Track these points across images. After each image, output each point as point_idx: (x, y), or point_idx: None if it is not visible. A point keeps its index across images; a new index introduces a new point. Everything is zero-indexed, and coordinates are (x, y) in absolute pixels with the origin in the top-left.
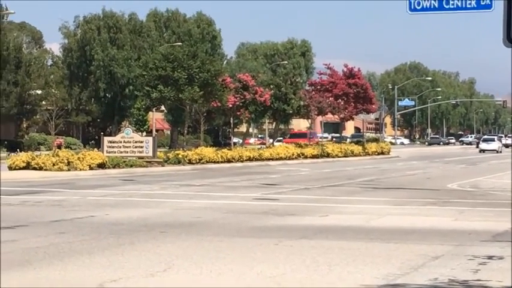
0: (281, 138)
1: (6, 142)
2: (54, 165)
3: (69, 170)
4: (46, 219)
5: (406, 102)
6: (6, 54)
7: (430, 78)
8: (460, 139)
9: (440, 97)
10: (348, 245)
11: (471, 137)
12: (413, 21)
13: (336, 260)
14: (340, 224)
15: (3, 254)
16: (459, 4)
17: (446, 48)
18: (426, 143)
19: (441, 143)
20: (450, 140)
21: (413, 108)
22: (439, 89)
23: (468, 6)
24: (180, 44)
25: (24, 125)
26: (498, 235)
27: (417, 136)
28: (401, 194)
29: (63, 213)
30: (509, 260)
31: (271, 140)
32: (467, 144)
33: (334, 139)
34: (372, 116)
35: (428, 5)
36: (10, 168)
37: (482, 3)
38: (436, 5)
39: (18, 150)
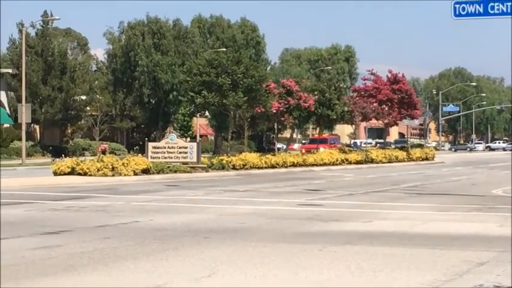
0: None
1: (51, 147)
2: (98, 170)
3: (113, 175)
4: (91, 225)
5: (450, 108)
6: (51, 60)
7: (474, 84)
8: (487, 145)
9: (484, 102)
10: (392, 251)
11: (500, 142)
12: (458, 27)
13: (380, 265)
14: (384, 229)
15: (49, 259)
16: (504, 9)
17: (491, 54)
18: (453, 149)
19: (468, 148)
20: (477, 146)
21: (458, 114)
22: (483, 94)
23: None
24: (224, 49)
25: (69, 131)
26: None
27: (461, 142)
28: (446, 200)
29: (108, 218)
30: None
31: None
32: (492, 150)
33: (378, 145)
34: (416, 122)
35: (473, 10)
36: (55, 173)
37: None
38: (481, 10)
39: (63, 155)
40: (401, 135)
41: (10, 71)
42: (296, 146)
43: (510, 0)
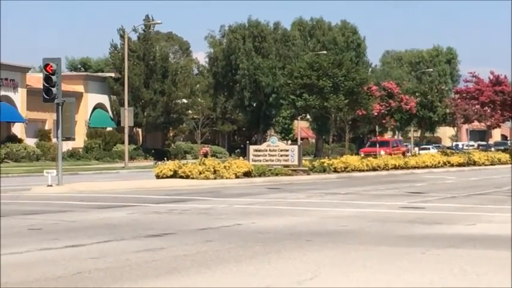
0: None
1: (153, 151)
2: (200, 173)
3: (215, 178)
4: (193, 227)
5: None
6: (153, 64)
7: None
8: None
9: None
10: (496, 254)
11: None
12: None
13: (484, 269)
14: (488, 233)
15: (152, 262)
16: None
17: None
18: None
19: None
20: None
21: None
22: None
23: None
24: (324, 52)
25: (171, 134)
26: None
27: None
28: None
29: (210, 221)
30: None
31: (416, 149)
32: None
33: (480, 147)
34: None
35: None
36: (157, 176)
37: None
38: None
39: (165, 158)
40: (503, 137)
41: (113, 75)
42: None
43: None
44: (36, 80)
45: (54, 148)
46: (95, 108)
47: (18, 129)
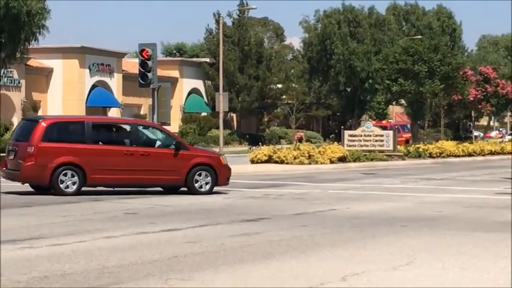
0: None
1: (248, 136)
2: (295, 158)
3: (309, 163)
4: (288, 212)
5: None
6: (248, 49)
7: None
8: None
9: None
10: None
11: None
12: None
13: None
14: None
15: (248, 246)
16: None
17: None
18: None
19: None
20: None
21: None
22: None
23: None
24: (420, 37)
25: (265, 119)
26: None
27: None
28: None
29: (305, 206)
30: None
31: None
32: None
33: None
34: None
35: None
36: (252, 161)
37: None
38: None
39: (259, 143)
40: None
41: (208, 60)
42: (493, 133)
43: None
44: (131, 65)
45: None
46: (189, 93)
47: (114, 114)
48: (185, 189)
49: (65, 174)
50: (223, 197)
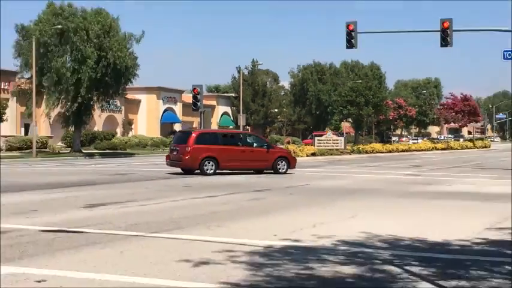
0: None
1: None
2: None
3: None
4: (282, 186)
5: (500, 115)
6: (257, 89)
7: None
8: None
9: None
10: (464, 204)
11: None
12: (507, 65)
13: (457, 212)
14: (460, 190)
15: (256, 207)
16: None
17: None
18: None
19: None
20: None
21: (505, 119)
22: None
23: None
24: (360, 81)
25: (268, 130)
26: None
27: (507, 137)
28: (498, 172)
29: (292, 182)
30: None
31: (412, 140)
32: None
33: (455, 138)
34: (478, 124)
35: None
36: None
37: None
38: None
39: None
40: (469, 132)
41: (233, 94)
42: (404, 139)
43: None
44: (187, 97)
45: None
46: (222, 114)
47: (177, 127)
48: (271, 171)
49: (207, 163)
50: (245, 177)
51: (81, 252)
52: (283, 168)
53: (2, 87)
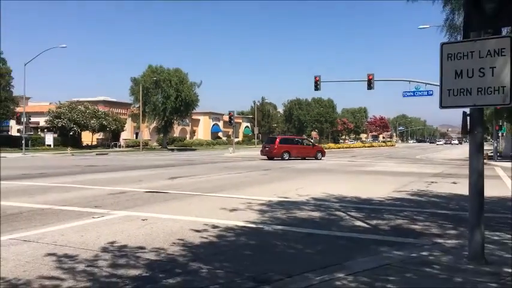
0: (353, 141)
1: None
2: None
3: None
4: (278, 167)
5: (401, 128)
6: (265, 113)
7: (409, 119)
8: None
9: (412, 127)
10: (380, 177)
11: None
12: (405, 100)
13: (373, 183)
14: (378, 170)
15: (262, 179)
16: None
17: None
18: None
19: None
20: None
21: (403, 130)
22: (412, 123)
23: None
24: (322, 108)
25: (270, 136)
26: (434, 175)
27: (404, 140)
28: (401, 160)
29: (286, 164)
30: None
31: (351, 142)
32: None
33: (373, 141)
34: (388, 133)
35: (411, 94)
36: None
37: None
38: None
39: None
40: (383, 137)
41: (251, 116)
42: (346, 141)
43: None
44: (226, 117)
45: (231, 141)
46: (245, 127)
47: (220, 134)
48: (312, 159)
49: (285, 154)
50: (257, 161)
51: (166, 203)
52: (320, 157)
53: (123, 112)
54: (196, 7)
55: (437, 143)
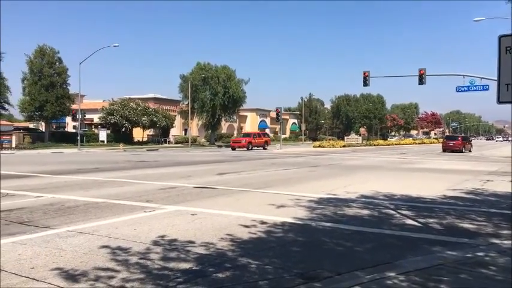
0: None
1: (312, 139)
2: (328, 145)
3: (333, 146)
4: (324, 164)
5: (454, 124)
6: (312, 109)
7: (463, 115)
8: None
9: (466, 120)
10: (432, 175)
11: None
12: (459, 96)
13: (427, 180)
14: (429, 167)
15: (311, 175)
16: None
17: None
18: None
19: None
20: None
21: (457, 126)
22: (466, 119)
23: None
24: (371, 105)
25: (317, 133)
26: (490, 173)
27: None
28: (451, 157)
29: (331, 161)
30: None
31: (399, 138)
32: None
33: (426, 137)
34: (440, 129)
35: (466, 89)
36: (314, 146)
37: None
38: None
39: (315, 141)
40: (434, 134)
41: (298, 112)
42: (396, 138)
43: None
44: (273, 114)
45: (278, 137)
46: (292, 124)
47: (268, 131)
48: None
49: (463, 148)
50: (302, 159)
51: (215, 199)
52: (466, 150)
53: (173, 108)
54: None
55: (496, 139)
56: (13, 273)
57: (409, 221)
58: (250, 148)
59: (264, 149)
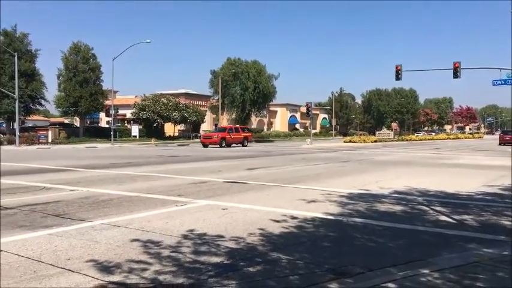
0: (437, 132)
1: (342, 134)
2: (359, 140)
3: (364, 141)
4: (354, 159)
5: (490, 119)
6: (343, 104)
7: (500, 110)
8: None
9: (504, 115)
10: (468, 170)
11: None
12: (496, 90)
13: (463, 176)
14: (465, 162)
15: (340, 171)
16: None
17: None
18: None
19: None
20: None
21: (493, 121)
22: (503, 114)
23: None
24: (403, 99)
25: (348, 128)
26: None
27: (493, 132)
28: (487, 152)
29: (362, 156)
30: None
31: (434, 133)
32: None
33: (460, 132)
34: (476, 124)
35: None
36: (344, 141)
37: None
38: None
39: (345, 135)
40: (469, 129)
41: (329, 107)
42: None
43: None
44: (303, 109)
45: (308, 133)
46: (322, 119)
47: (298, 126)
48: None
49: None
50: (333, 154)
51: (245, 194)
52: None
53: (203, 104)
54: (273, 5)
55: None
56: (50, 264)
57: (443, 218)
58: (223, 145)
59: (244, 146)
